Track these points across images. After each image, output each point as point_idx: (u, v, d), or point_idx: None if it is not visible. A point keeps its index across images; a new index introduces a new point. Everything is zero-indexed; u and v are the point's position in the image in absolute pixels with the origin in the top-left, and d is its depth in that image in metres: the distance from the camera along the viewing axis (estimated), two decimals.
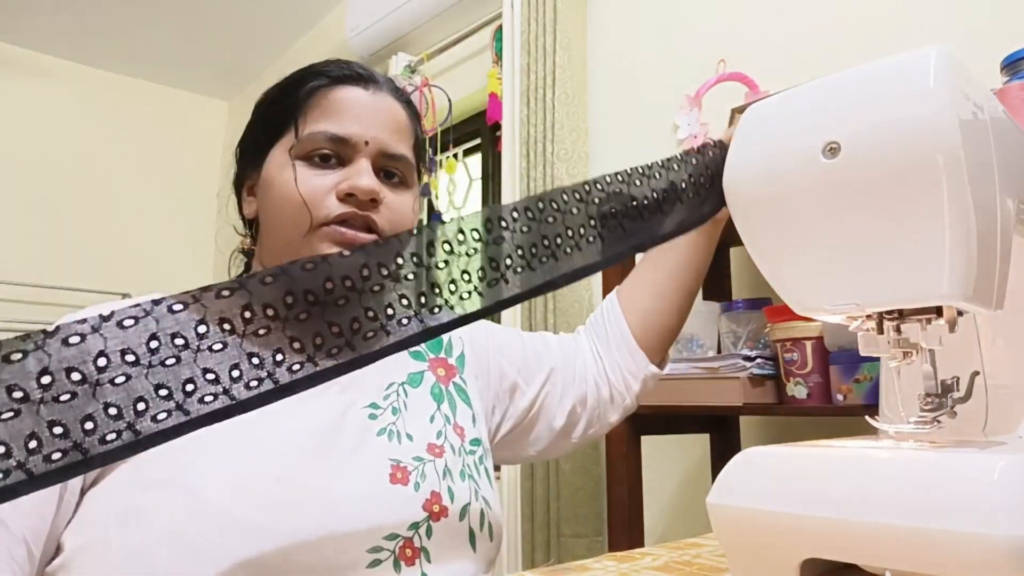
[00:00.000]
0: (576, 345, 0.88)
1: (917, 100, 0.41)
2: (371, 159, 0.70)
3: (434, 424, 0.72)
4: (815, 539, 0.41)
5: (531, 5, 1.91)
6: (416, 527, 0.64)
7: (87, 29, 3.08)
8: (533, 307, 1.75)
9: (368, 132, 0.69)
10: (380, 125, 0.71)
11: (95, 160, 3.34)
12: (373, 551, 0.60)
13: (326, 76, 0.71)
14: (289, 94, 0.72)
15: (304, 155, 0.68)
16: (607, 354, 0.86)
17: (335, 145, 0.68)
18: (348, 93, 0.71)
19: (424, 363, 0.78)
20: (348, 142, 0.69)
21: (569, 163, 1.78)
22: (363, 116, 0.70)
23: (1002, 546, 0.34)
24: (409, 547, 0.62)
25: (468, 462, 0.72)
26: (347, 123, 0.69)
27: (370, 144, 0.69)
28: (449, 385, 0.78)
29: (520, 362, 0.85)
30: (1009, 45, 0.95)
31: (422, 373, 0.77)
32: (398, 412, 0.70)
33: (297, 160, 0.68)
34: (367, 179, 0.67)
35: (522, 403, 0.83)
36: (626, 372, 0.85)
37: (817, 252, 0.47)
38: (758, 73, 1.56)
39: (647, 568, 0.55)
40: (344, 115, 0.69)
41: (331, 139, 0.68)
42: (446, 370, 0.80)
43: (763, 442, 1.36)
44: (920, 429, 0.46)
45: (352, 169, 0.68)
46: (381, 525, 0.62)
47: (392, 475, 0.64)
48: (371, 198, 0.67)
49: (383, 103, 0.72)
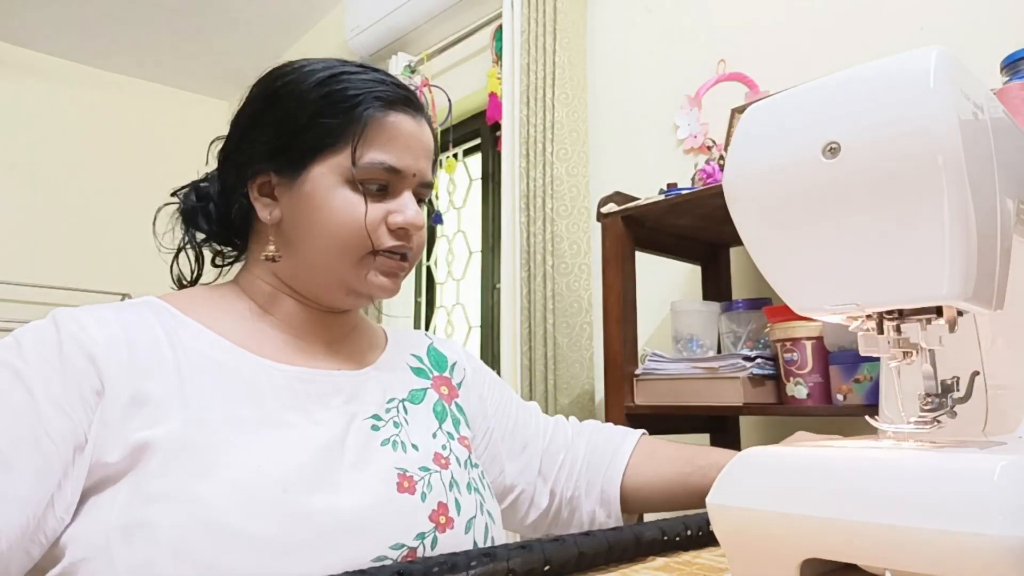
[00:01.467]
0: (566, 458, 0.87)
1: (917, 100, 0.41)
2: (413, 188, 0.72)
3: (437, 439, 0.72)
4: (815, 539, 0.41)
5: (531, 5, 1.91)
6: (422, 537, 0.63)
7: (87, 29, 3.08)
8: (533, 308, 1.75)
9: (415, 164, 0.71)
10: (424, 156, 0.73)
11: (95, 160, 3.34)
12: (377, 560, 0.60)
13: (380, 99, 0.70)
14: (344, 111, 0.68)
15: (358, 181, 0.69)
16: (586, 493, 0.85)
17: (388, 175, 0.70)
18: (404, 122, 0.71)
19: (428, 380, 0.79)
20: (401, 174, 0.70)
21: (569, 163, 1.78)
22: (412, 147, 0.71)
23: (1002, 546, 0.34)
24: (411, 557, 0.62)
25: (474, 475, 0.72)
26: (401, 155, 0.70)
27: (416, 176, 0.71)
28: (451, 404, 0.79)
29: (503, 444, 0.85)
30: (1009, 45, 0.95)
31: (425, 390, 0.77)
32: (400, 426, 0.70)
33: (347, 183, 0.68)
34: (414, 213, 0.70)
35: (496, 476, 0.84)
36: (590, 516, 0.85)
37: (817, 252, 0.47)
38: (758, 73, 1.56)
39: (647, 568, 0.55)
40: (400, 145, 0.70)
41: (387, 170, 0.69)
42: (449, 389, 0.80)
43: (763, 442, 1.37)
44: (920, 429, 0.46)
45: (400, 202, 0.70)
46: (387, 534, 0.61)
47: (399, 484, 0.64)
48: (419, 231, 0.71)
49: (426, 133, 0.73)
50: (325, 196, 0.68)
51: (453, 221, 2.56)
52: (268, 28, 3.11)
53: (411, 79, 2.36)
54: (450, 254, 2.57)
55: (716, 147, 1.53)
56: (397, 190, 0.71)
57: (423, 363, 0.81)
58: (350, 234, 0.68)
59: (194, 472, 0.57)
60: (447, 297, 2.56)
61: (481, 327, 2.33)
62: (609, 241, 1.36)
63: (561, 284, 1.72)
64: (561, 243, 1.74)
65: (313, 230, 0.68)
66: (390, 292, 0.73)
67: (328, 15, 3.02)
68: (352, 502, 0.61)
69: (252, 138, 0.71)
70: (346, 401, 0.68)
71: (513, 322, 1.82)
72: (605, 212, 1.37)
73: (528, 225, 1.82)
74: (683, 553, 0.60)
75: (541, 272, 1.75)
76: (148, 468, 0.57)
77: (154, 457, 0.57)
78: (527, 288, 1.79)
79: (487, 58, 2.22)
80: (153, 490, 0.56)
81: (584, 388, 1.67)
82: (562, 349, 1.68)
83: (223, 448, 0.59)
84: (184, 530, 0.54)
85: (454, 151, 2.46)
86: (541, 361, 1.71)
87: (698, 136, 1.64)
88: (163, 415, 0.59)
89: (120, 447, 0.57)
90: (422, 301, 2.58)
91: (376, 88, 0.70)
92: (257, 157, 0.70)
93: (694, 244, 1.50)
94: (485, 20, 2.20)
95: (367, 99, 0.69)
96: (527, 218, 1.82)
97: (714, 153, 1.51)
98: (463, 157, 2.55)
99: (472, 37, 2.28)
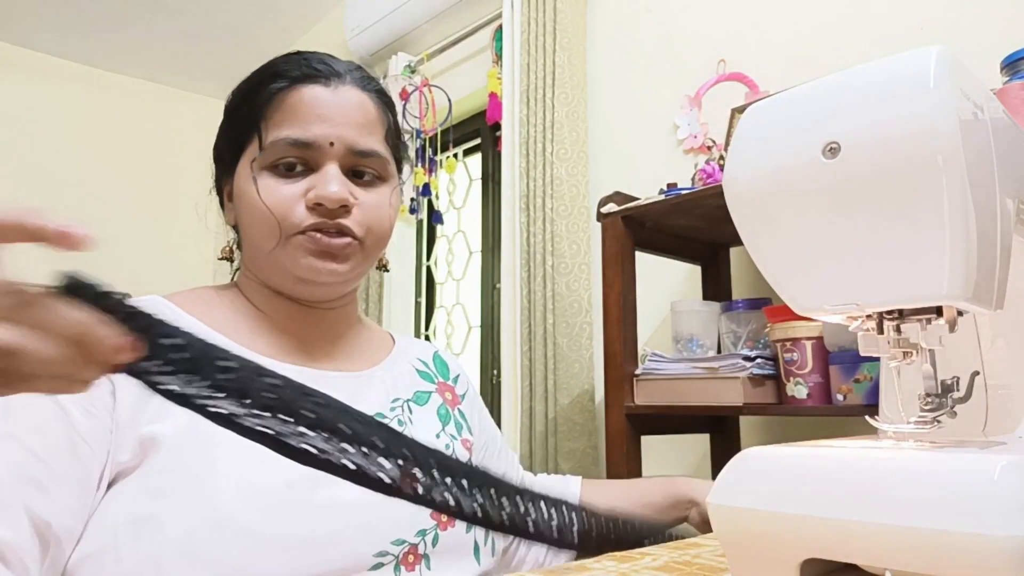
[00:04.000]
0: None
1: (917, 100, 0.41)
2: (339, 160, 0.67)
3: (440, 440, 0.72)
4: (815, 539, 0.41)
5: (531, 5, 1.91)
6: (423, 534, 0.64)
7: (86, 28, 3.07)
8: (533, 308, 1.75)
9: (333, 132, 0.66)
10: (346, 122, 0.67)
11: (93, 159, 3.34)
12: (379, 555, 0.60)
13: (285, 77, 0.68)
14: (249, 99, 0.69)
15: (269, 164, 0.67)
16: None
17: (299, 150, 0.66)
18: (308, 92, 0.67)
19: (432, 384, 0.79)
20: (312, 145, 0.66)
21: (569, 163, 1.78)
22: (326, 115, 0.67)
23: (1002, 546, 0.34)
24: (413, 553, 0.63)
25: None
26: (310, 125, 0.66)
27: (336, 144, 0.67)
28: (454, 409, 0.80)
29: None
30: (1009, 45, 0.95)
31: (430, 393, 0.78)
32: (404, 424, 0.71)
33: (263, 170, 0.67)
34: (335, 186, 0.65)
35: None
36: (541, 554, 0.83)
37: (817, 252, 0.47)
38: (758, 73, 1.56)
39: (647, 568, 0.55)
40: (306, 117, 0.66)
41: (294, 144, 0.66)
42: (452, 396, 0.81)
43: (763, 442, 1.37)
44: (920, 429, 0.46)
45: (319, 176, 0.66)
46: (389, 530, 0.62)
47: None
48: (341, 205, 0.66)
49: (347, 97, 0.69)
50: (244, 186, 0.68)
51: (453, 221, 2.56)
52: (268, 28, 3.11)
53: (411, 79, 2.36)
54: (450, 254, 2.57)
55: (716, 147, 1.53)
56: (317, 164, 0.67)
57: (429, 367, 0.82)
58: (260, 218, 0.66)
59: (199, 467, 0.57)
60: (447, 297, 2.56)
61: (481, 327, 2.33)
62: (609, 241, 1.36)
63: (561, 284, 1.72)
64: (561, 243, 1.74)
65: (242, 223, 0.70)
66: (327, 272, 0.67)
67: (328, 15, 3.02)
68: (355, 497, 0.61)
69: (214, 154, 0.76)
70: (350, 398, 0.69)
71: (513, 322, 1.82)
72: (605, 212, 1.37)
73: (528, 225, 1.81)
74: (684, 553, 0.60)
75: (541, 272, 1.75)
76: (154, 463, 0.57)
77: (160, 452, 0.58)
78: (527, 288, 1.79)
79: (487, 58, 2.22)
80: (159, 485, 0.57)
81: (584, 388, 1.67)
82: (562, 349, 1.68)
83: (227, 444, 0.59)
84: (189, 525, 0.55)
85: (454, 151, 2.46)
86: (541, 361, 1.71)
87: (698, 136, 1.64)
88: (167, 411, 0.59)
89: (131, 444, 0.58)
90: (422, 301, 2.58)
91: (283, 68, 0.69)
92: (218, 169, 0.75)
93: (694, 244, 1.49)
94: (485, 20, 2.20)
95: (269, 80, 0.69)
96: (527, 218, 1.82)
97: (714, 153, 1.51)
98: (463, 157, 2.55)
99: (472, 37, 2.28)
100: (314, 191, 0.65)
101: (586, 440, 1.64)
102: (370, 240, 0.69)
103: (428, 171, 2.33)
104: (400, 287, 2.51)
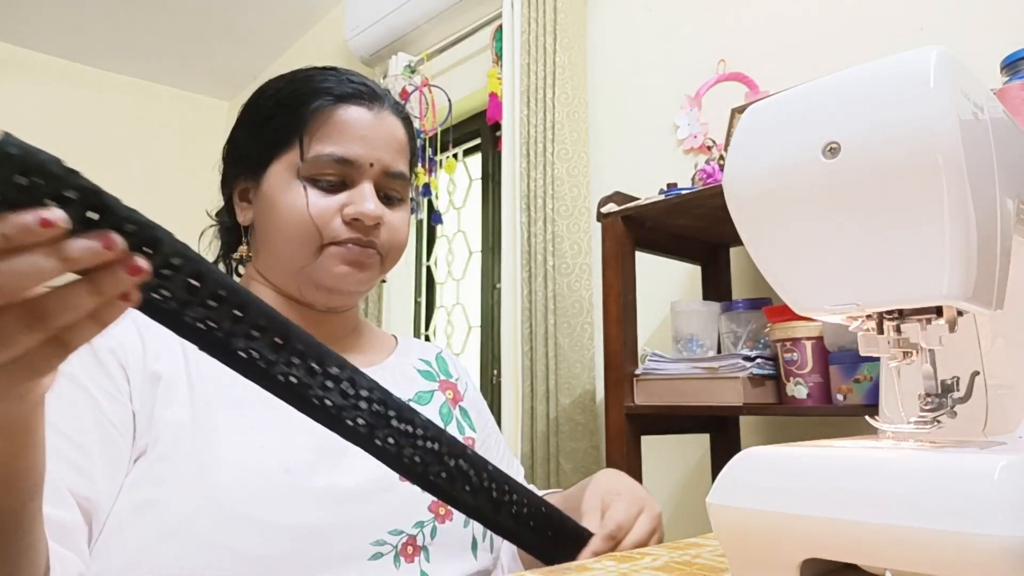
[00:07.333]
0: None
1: (917, 100, 0.41)
2: (374, 179, 0.72)
3: None
4: (815, 539, 0.41)
5: (531, 5, 1.91)
6: (421, 526, 0.65)
7: (87, 29, 3.07)
8: (534, 308, 1.75)
9: (373, 153, 0.71)
10: (384, 146, 0.72)
11: (94, 160, 3.33)
12: (376, 544, 0.62)
13: (330, 94, 0.72)
14: (292, 110, 0.72)
15: (311, 176, 0.70)
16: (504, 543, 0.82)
17: (340, 167, 0.70)
18: (352, 113, 0.72)
19: (435, 383, 0.81)
20: (354, 164, 0.70)
21: (569, 163, 1.78)
22: (367, 138, 0.71)
23: (1002, 546, 0.34)
24: (411, 544, 0.64)
25: None
26: (352, 145, 0.70)
27: (375, 165, 0.71)
28: (456, 407, 0.81)
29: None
30: (1009, 45, 0.95)
31: (432, 392, 0.79)
32: None
33: (305, 181, 0.70)
34: (371, 204, 0.70)
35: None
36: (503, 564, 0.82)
37: (817, 252, 0.47)
38: (758, 73, 1.56)
39: (647, 568, 0.55)
40: (349, 137, 0.71)
41: (338, 161, 0.70)
42: (454, 394, 0.82)
43: (763, 442, 1.37)
44: (920, 429, 0.46)
45: (356, 193, 0.70)
46: (387, 519, 0.63)
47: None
48: (375, 223, 0.70)
49: (385, 123, 0.73)
50: (278, 192, 0.70)
51: (453, 221, 2.56)
52: (268, 28, 3.11)
53: (411, 79, 2.36)
54: (450, 254, 2.57)
55: (716, 147, 1.53)
56: (355, 181, 0.71)
57: (431, 366, 0.83)
58: (299, 226, 0.69)
59: (199, 452, 0.59)
60: (447, 297, 2.56)
61: (481, 327, 2.33)
62: (609, 241, 1.36)
63: (562, 284, 1.72)
64: (562, 243, 1.74)
65: (271, 226, 0.71)
66: (354, 282, 0.72)
67: (328, 15, 3.02)
68: (355, 484, 0.63)
69: (232, 151, 0.77)
70: None
71: (514, 322, 1.82)
72: (605, 212, 1.37)
73: (528, 225, 1.81)
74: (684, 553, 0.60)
75: (542, 272, 1.75)
76: (158, 448, 0.59)
77: (164, 437, 0.60)
78: (528, 288, 1.79)
79: (487, 58, 2.22)
80: (162, 470, 0.58)
81: (585, 388, 1.67)
82: (563, 349, 1.68)
83: (227, 429, 0.61)
84: (189, 509, 0.56)
85: (454, 151, 2.46)
86: (542, 361, 1.71)
87: (698, 136, 1.64)
88: (172, 396, 0.62)
89: (142, 428, 0.60)
90: (422, 301, 2.58)
91: (324, 84, 0.73)
92: (235, 166, 0.76)
93: (694, 244, 1.50)
94: (485, 20, 2.20)
95: (313, 95, 0.72)
96: (527, 218, 1.82)
97: (714, 153, 1.51)
98: (463, 157, 2.55)
99: (472, 37, 2.28)
100: (353, 207, 0.70)
101: (588, 440, 1.64)
102: (390, 256, 0.74)
103: (428, 171, 2.32)
104: (400, 287, 2.51)
